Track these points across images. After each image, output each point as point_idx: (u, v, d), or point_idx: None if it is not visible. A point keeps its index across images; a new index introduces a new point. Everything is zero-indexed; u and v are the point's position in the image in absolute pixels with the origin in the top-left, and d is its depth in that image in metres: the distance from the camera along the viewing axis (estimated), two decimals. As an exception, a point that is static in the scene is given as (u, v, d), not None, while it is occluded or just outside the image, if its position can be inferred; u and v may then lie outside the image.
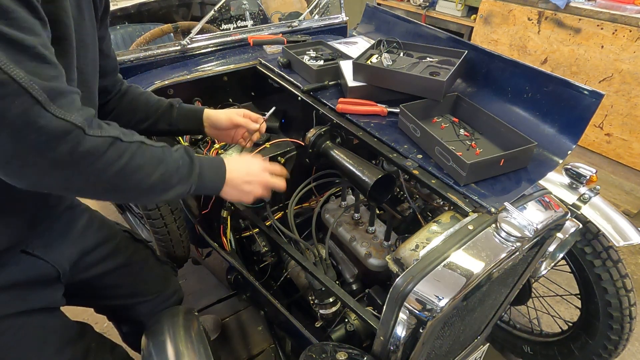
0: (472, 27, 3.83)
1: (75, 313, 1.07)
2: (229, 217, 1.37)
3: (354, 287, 1.30)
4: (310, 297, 1.24)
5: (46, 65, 0.58)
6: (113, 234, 1.14)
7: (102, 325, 1.79)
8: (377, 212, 1.35)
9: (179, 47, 1.62)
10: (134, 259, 1.18)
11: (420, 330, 0.84)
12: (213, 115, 1.17)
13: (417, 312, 0.81)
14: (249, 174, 0.92)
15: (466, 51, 1.23)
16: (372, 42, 1.42)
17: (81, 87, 0.79)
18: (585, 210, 1.32)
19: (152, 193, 0.73)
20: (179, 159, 0.77)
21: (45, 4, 0.62)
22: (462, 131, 1.16)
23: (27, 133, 0.55)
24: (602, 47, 2.91)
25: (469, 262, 0.83)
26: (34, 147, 0.56)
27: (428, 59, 1.30)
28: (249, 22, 2.02)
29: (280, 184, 1.00)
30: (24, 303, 0.88)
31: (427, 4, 4.23)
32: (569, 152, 1.01)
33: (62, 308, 1.02)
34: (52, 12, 0.65)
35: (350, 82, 1.29)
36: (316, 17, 2.00)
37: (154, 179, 0.72)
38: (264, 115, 1.21)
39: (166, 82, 1.44)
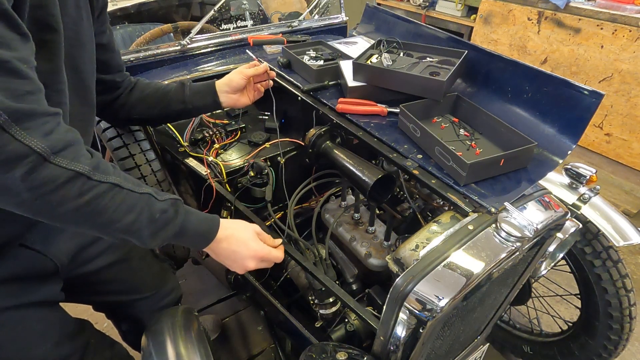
0: (472, 27, 3.84)
1: (76, 312, 1.07)
2: (229, 217, 1.37)
3: (354, 287, 1.30)
4: (310, 297, 1.24)
5: (20, 80, 0.55)
6: None
7: (102, 325, 1.79)
8: (377, 212, 1.35)
9: (178, 47, 1.62)
10: (131, 254, 1.17)
11: (420, 330, 0.84)
12: (224, 82, 1.20)
13: (417, 312, 0.81)
14: (241, 247, 0.85)
15: (466, 51, 1.23)
16: (372, 42, 1.42)
17: (79, 85, 0.80)
18: (585, 210, 1.32)
19: (117, 236, 0.68)
20: (160, 211, 0.70)
21: (34, 9, 0.61)
22: (462, 131, 1.16)
23: None
24: (602, 47, 2.91)
25: (469, 262, 0.83)
26: None
27: (428, 59, 1.30)
28: (249, 22, 2.02)
29: (279, 255, 0.93)
30: (23, 296, 0.88)
31: (427, 4, 4.23)
32: (569, 152, 1.01)
33: (62, 306, 1.02)
34: (41, 18, 0.64)
35: (350, 82, 1.29)
36: (316, 17, 2.00)
37: (120, 225, 0.66)
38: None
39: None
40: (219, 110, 1.35)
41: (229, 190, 1.33)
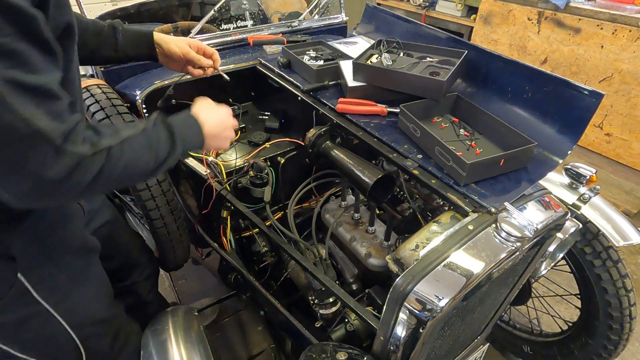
0: (472, 27, 3.83)
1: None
2: (228, 217, 1.37)
3: (354, 287, 1.30)
4: (310, 297, 1.24)
5: (59, 102, 0.62)
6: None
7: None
8: (377, 212, 1.35)
9: (179, 47, 1.61)
10: (117, 217, 1.30)
11: (420, 330, 0.84)
12: (164, 42, 1.12)
13: (417, 312, 0.81)
14: (221, 124, 0.96)
15: (466, 51, 1.23)
16: (372, 42, 1.42)
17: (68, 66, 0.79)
18: (585, 210, 1.32)
19: (153, 174, 0.80)
20: (161, 133, 0.80)
21: (55, 19, 0.64)
22: (462, 131, 1.16)
23: (46, 173, 0.60)
24: (602, 47, 2.91)
25: (469, 262, 0.83)
26: (54, 181, 0.62)
27: (428, 59, 1.30)
28: (249, 22, 2.02)
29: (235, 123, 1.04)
30: (75, 237, 0.98)
31: (427, 4, 4.22)
32: (569, 152, 1.01)
33: None
34: (61, 26, 0.67)
35: (350, 82, 1.29)
36: (316, 17, 2.00)
37: (150, 165, 0.77)
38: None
39: (166, 82, 1.44)
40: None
41: (229, 190, 1.33)
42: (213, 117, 0.94)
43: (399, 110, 1.16)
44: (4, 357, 0.92)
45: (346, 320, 1.13)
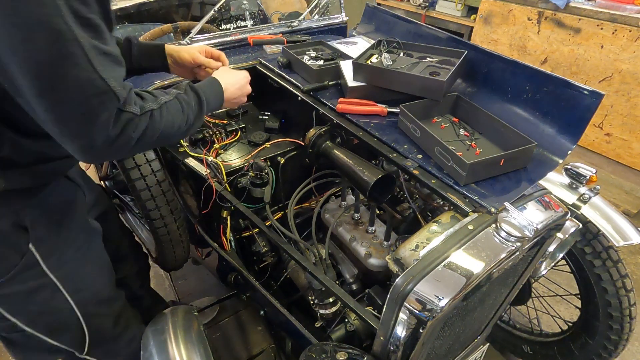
0: (472, 27, 3.84)
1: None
2: (229, 217, 1.37)
3: (354, 287, 1.30)
4: (310, 297, 1.24)
5: (122, 69, 0.74)
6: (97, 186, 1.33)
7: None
8: (377, 212, 1.35)
9: (179, 47, 1.61)
10: (111, 209, 1.39)
11: (420, 330, 0.84)
12: (175, 51, 1.19)
13: (417, 312, 0.81)
14: (240, 89, 1.14)
15: (466, 51, 1.23)
16: (372, 42, 1.42)
17: None
18: (585, 210, 1.32)
19: (185, 134, 0.94)
20: (191, 99, 0.93)
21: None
22: (462, 131, 1.16)
23: (110, 127, 0.71)
24: (602, 47, 2.91)
25: (469, 262, 0.83)
26: (113, 136, 0.72)
27: (428, 59, 1.30)
28: (249, 22, 2.02)
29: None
30: (80, 218, 1.05)
31: (427, 4, 4.23)
32: (569, 152, 1.01)
33: None
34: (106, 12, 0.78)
35: (350, 82, 1.29)
36: (316, 17, 2.00)
37: (183, 127, 0.90)
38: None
39: (166, 82, 1.44)
40: (219, 110, 1.35)
41: (229, 190, 1.33)
42: (233, 83, 1.11)
43: (399, 110, 1.16)
44: (12, 330, 0.97)
45: (346, 320, 1.13)
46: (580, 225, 1.25)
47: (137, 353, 1.13)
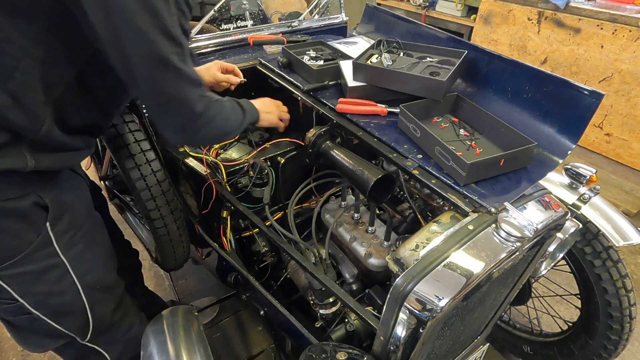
0: (472, 27, 3.83)
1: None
2: (229, 217, 1.37)
3: (354, 287, 1.30)
4: (310, 297, 1.24)
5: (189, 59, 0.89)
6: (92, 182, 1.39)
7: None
8: (377, 212, 1.35)
9: (179, 47, 1.61)
10: (104, 205, 1.47)
11: (420, 330, 0.84)
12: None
13: (417, 312, 0.81)
14: (269, 107, 1.36)
15: (466, 51, 1.23)
16: (372, 42, 1.42)
17: None
18: (585, 210, 1.32)
19: (237, 131, 1.14)
20: (233, 104, 1.12)
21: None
22: (462, 131, 1.16)
23: (196, 110, 0.91)
24: (602, 47, 2.91)
25: (469, 262, 0.83)
26: (197, 119, 0.93)
27: (428, 59, 1.30)
28: (249, 22, 2.02)
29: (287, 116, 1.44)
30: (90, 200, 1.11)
31: (427, 4, 4.23)
32: (569, 152, 1.01)
33: None
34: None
35: (350, 82, 1.29)
36: (316, 17, 2.00)
37: (236, 123, 1.11)
38: None
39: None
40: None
41: (229, 190, 1.33)
42: (263, 105, 1.32)
43: (399, 110, 1.16)
44: (18, 313, 0.99)
45: (346, 320, 1.13)
46: (580, 225, 1.25)
47: (135, 341, 1.16)
